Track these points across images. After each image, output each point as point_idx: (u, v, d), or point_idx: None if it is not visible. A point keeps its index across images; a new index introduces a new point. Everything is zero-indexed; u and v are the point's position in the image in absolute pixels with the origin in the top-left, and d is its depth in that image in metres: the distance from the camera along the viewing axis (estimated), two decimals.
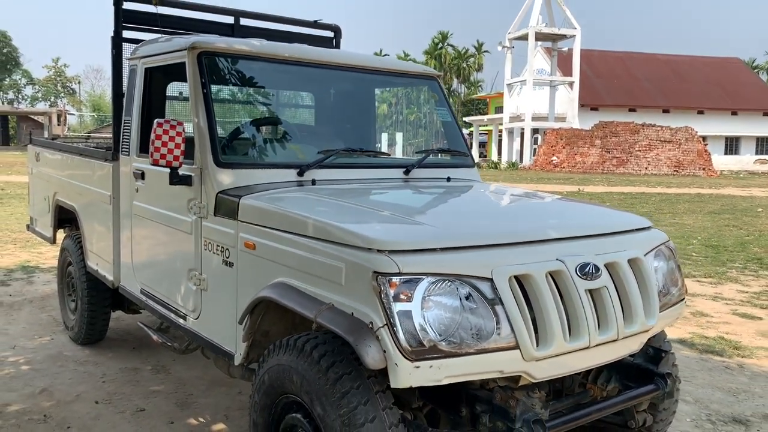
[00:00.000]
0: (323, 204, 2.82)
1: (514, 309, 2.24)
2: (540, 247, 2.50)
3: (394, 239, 2.25)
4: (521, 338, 2.23)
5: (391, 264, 2.13)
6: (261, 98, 3.81)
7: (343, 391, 2.19)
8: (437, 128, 4.13)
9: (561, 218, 2.96)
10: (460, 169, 3.90)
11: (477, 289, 2.23)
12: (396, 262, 2.13)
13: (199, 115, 3.20)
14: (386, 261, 2.14)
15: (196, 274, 3.22)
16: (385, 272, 2.12)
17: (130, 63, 4.04)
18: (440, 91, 4.16)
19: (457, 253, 2.30)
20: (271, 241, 2.67)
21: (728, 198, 21.18)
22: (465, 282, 2.22)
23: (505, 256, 2.37)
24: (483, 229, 2.55)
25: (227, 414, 3.93)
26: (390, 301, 2.10)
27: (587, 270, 2.48)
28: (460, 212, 3.06)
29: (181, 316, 3.43)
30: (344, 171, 3.43)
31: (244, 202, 2.88)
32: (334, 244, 2.35)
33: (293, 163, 3.31)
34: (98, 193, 4.42)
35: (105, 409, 3.96)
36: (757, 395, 4.45)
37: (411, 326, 2.10)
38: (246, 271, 2.84)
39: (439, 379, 2.13)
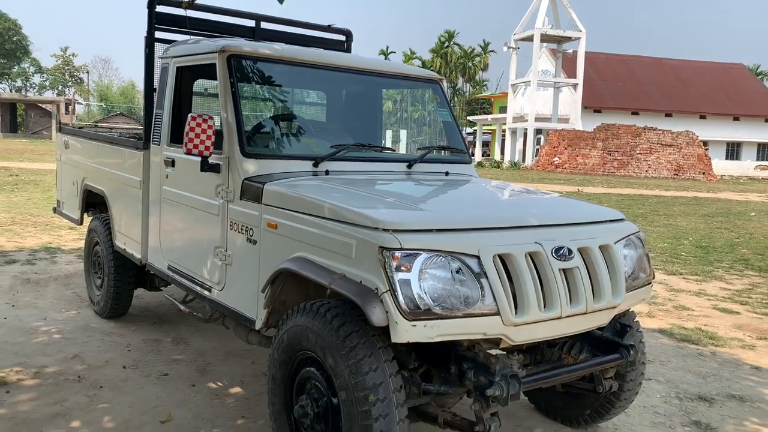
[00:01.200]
0: (336, 191, 3.25)
1: (496, 282, 2.67)
2: (521, 232, 2.93)
3: (397, 220, 2.69)
4: (502, 306, 2.66)
5: (394, 240, 2.56)
6: (281, 96, 4.24)
7: (352, 345, 2.63)
8: (438, 127, 4.56)
9: (542, 209, 3.40)
10: (458, 165, 4.32)
11: (466, 265, 2.66)
12: (398, 239, 2.57)
13: (227, 111, 3.62)
14: (390, 238, 2.57)
15: (221, 251, 3.65)
16: (389, 247, 2.55)
17: (163, 62, 4.47)
18: (442, 94, 4.59)
19: (449, 234, 2.73)
20: (291, 221, 3.10)
21: (724, 202, 21.59)
22: (456, 258, 2.64)
23: (491, 238, 2.79)
24: (472, 215, 2.99)
25: (243, 380, 4.37)
26: (393, 271, 2.53)
27: (561, 252, 2.91)
28: (454, 201, 3.52)
29: (206, 288, 3.86)
30: (354, 164, 3.86)
31: (268, 188, 3.31)
32: (346, 224, 2.78)
33: (309, 155, 3.74)
34: (128, 179, 4.85)
35: (132, 373, 4.40)
36: (724, 378, 4.88)
37: (409, 292, 2.53)
38: (268, 248, 3.27)
39: (432, 336, 2.56)
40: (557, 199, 3.74)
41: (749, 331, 6.27)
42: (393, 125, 4.90)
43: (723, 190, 28.81)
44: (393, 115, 4.88)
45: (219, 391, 4.17)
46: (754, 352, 5.61)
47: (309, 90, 4.82)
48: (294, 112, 4.32)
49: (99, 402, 3.93)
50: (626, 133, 37.85)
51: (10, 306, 5.76)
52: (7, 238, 8.89)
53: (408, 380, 2.84)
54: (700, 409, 4.27)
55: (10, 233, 9.23)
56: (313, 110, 4.91)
